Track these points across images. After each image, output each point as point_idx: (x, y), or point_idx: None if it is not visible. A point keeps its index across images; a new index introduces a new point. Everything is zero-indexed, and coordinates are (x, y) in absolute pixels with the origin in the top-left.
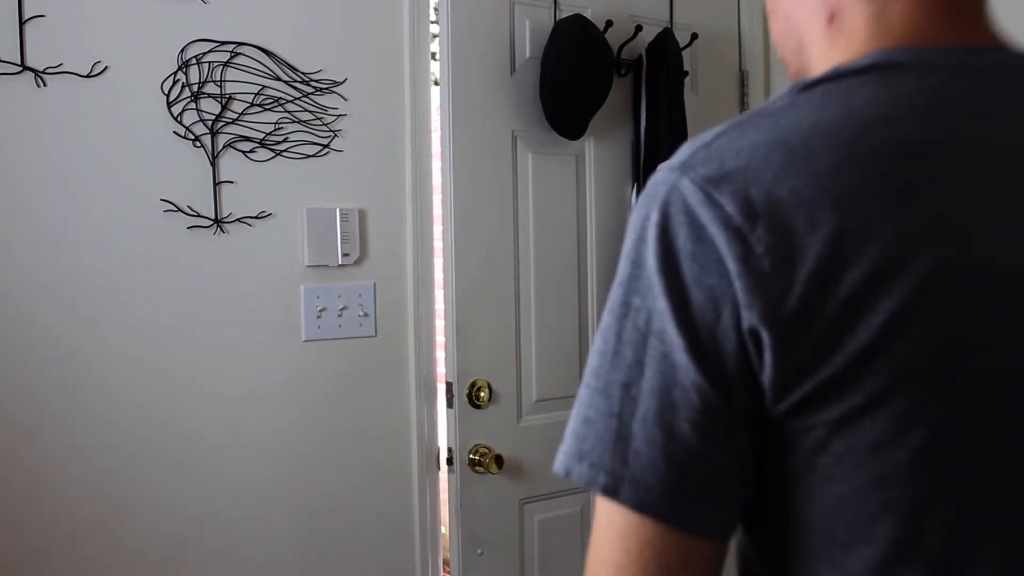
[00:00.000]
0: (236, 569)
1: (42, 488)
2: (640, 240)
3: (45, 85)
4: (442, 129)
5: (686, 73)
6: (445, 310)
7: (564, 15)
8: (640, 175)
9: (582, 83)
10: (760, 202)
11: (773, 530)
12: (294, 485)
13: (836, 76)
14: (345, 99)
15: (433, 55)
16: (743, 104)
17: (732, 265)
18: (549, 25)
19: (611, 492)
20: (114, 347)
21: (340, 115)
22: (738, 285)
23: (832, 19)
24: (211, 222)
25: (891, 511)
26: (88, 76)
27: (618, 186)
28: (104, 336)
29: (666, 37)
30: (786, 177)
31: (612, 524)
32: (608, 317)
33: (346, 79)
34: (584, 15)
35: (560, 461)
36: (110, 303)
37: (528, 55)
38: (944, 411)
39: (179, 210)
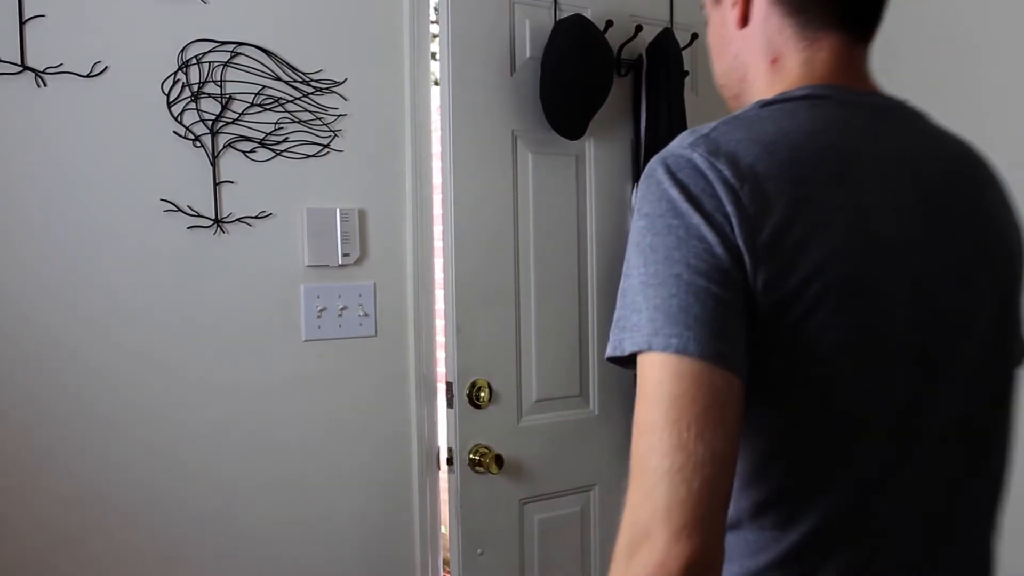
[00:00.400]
0: (236, 569)
1: (41, 487)
2: (663, 191)
3: (45, 85)
4: (442, 129)
5: (686, 73)
6: (445, 310)
7: (564, 15)
8: (640, 175)
9: (582, 83)
10: (746, 172)
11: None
12: (293, 484)
13: (784, 100)
14: (345, 99)
15: (433, 55)
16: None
17: (728, 207)
18: (549, 25)
19: (677, 349)
20: (114, 347)
21: (340, 115)
22: (734, 218)
23: (775, 61)
24: (211, 222)
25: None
26: (88, 76)
27: (618, 186)
28: (104, 336)
29: (666, 37)
30: (761, 161)
31: (667, 377)
32: (647, 239)
33: (346, 79)
34: (584, 15)
35: (636, 341)
36: (110, 303)
37: (528, 55)
38: (849, 316)
39: (179, 210)
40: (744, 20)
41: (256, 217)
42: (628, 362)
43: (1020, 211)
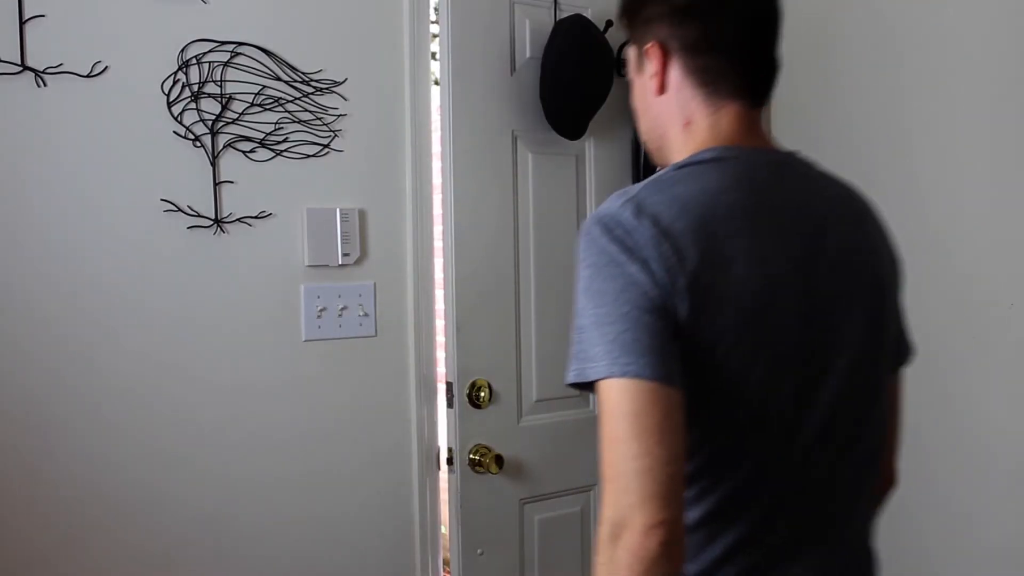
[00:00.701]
0: (236, 569)
1: (42, 487)
2: (604, 246)
3: (45, 85)
4: (442, 129)
5: None
6: (445, 310)
7: (564, 15)
8: (640, 175)
9: (582, 83)
10: (666, 229)
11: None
12: (293, 484)
13: (695, 163)
14: (345, 99)
15: (433, 55)
16: None
17: (654, 258)
18: (549, 25)
19: (633, 374)
20: (114, 346)
21: (340, 115)
22: (658, 267)
23: (688, 124)
24: (211, 222)
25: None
26: (88, 76)
27: (618, 186)
28: (104, 336)
29: None
30: (679, 220)
31: (627, 398)
32: (595, 284)
33: (346, 79)
34: (584, 15)
35: (598, 371)
36: (110, 303)
37: (528, 55)
38: (750, 337)
39: (179, 210)
40: (662, 89)
41: (256, 217)
42: (587, 387)
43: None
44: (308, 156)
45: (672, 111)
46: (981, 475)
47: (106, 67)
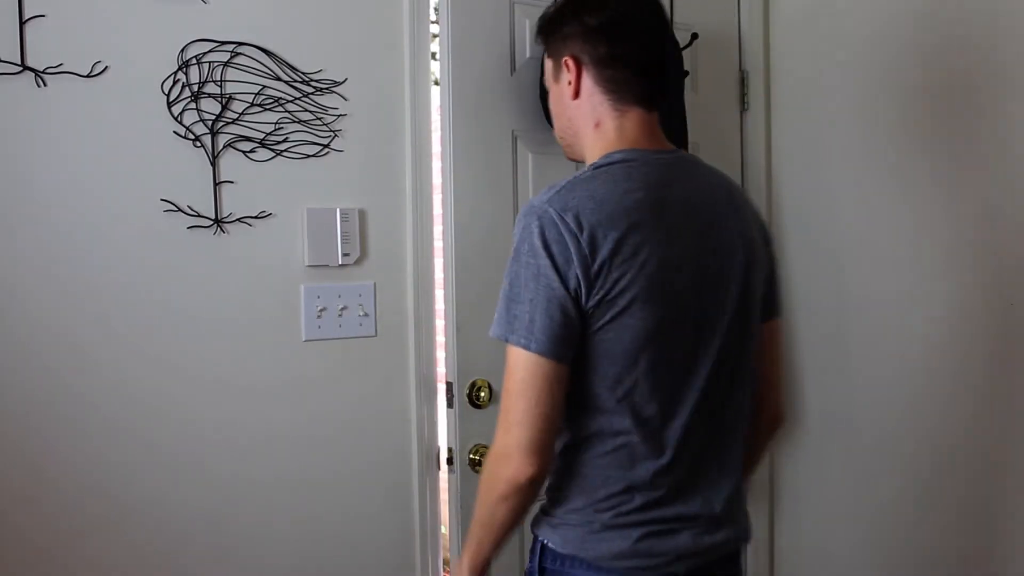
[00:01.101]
0: (236, 568)
1: (41, 487)
2: (529, 235)
3: (45, 85)
4: (442, 129)
5: (686, 73)
6: (445, 310)
7: None
8: None
9: None
10: (583, 223)
11: (582, 366)
12: (294, 485)
13: (609, 164)
14: (345, 99)
15: (433, 55)
16: (743, 104)
17: (572, 249)
18: None
19: (526, 347)
20: (114, 347)
21: (340, 115)
22: (574, 257)
23: (598, 125)
24: (211, 222)
25: (626, 355)
26: (88, 76)
27: None
28: (104, 336)
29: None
30: (594, 215)
31: (521, 365)
32: (514, 270)
33: (346, 79)
34: None
35: (495, 332)
36: (110, 303)
37: (528, 55)
38: (649, 313)
39: (179, 210)
40: (576, 94)
41: (256, 217)
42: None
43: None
44: (308, 156)
45: (584, 114)
46: (989, 478)
47: (106, 67)
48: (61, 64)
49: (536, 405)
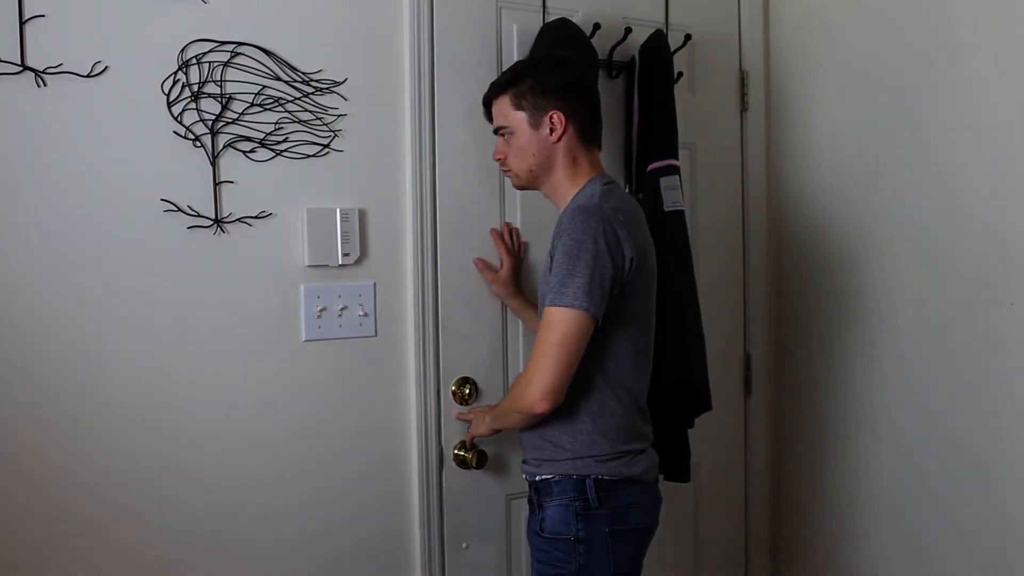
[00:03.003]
0: (236, 568)
1: (42, 487)
2: (591, 225)
3: (45, 85)
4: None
5: (680, 74)
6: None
7: (552, 18)
8: (632, 176)
9: None
10: (624, 224)
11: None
12: (294, 484)
13: (606, 183)
14: (345, 99)
15: None
16: (743, 104)
17: (623, 244)
18: (537, 28)
19: (585, 308)
20: (114, 346)
21: (340, 115)
22: (623, 249)
23: (574, 160)
24: (211, 222)
25: (636, 324)
26: (88, 76)
27: None
28: (105, 335)
29: (657, 39)
30: (626, 219)
31: (571, 321)
32: (577, 253)
33: (346, 79)
34: (569, 19)
35: (572, 299)
36: (111, 303)
37: (516, 59)
38: (644, 284)
39: (179, 210)
40: (559, 139)
41: (256, 217)
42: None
43: None
44: (308, 156)
45: (563, 152)
46: (986, 476)
47: (106, 67)
48: (61, 64)
49: (570, 355)
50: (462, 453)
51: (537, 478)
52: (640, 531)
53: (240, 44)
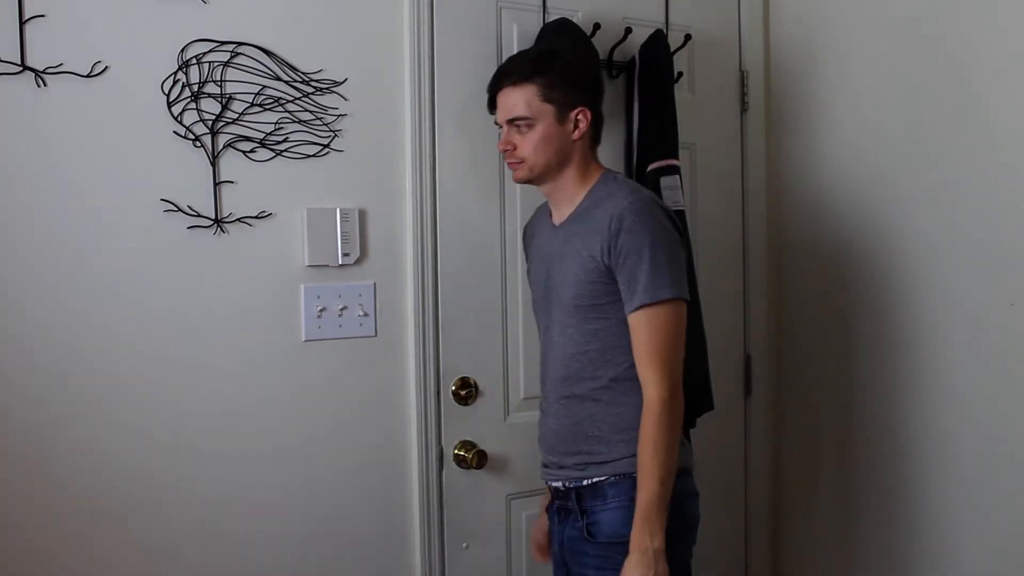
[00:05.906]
0: (236, 567)
1: (43, 485)
2: (656, 216)
3: (45, 85)
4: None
5: (680, 74)
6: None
7: (553, 18)
8: (632, 176)
9: None
10: (669, 210)
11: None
12: (294, 483)
13: (625, 177)
14: (345, 99)
15: None
16: (743, 104)
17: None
18: (538, 28)
19: (682, 297)
20: (114, 347)
21: (340, 115)
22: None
23: (586, 159)
24: (211, 222)
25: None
26: (88, 76)
27: None
28: (104, 336)
29: (657, 38)
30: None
31: (675, 314)
32: (659, 241)
33: (346, 79)
34: (570, 19)
35: (669, 291)
36: (111, 303)
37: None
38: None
39: (179, 210)
40: (580, 137)
41: (256, 217)
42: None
43: None
44: (308, 156)
45: (580, 147)
46: (984, 474)
47: (106, 67)
48: (61, 64)
49: (682, 348)
50: (462, 453)
51: (584, 482)
52: (696, 521)
53: (240, 44)
